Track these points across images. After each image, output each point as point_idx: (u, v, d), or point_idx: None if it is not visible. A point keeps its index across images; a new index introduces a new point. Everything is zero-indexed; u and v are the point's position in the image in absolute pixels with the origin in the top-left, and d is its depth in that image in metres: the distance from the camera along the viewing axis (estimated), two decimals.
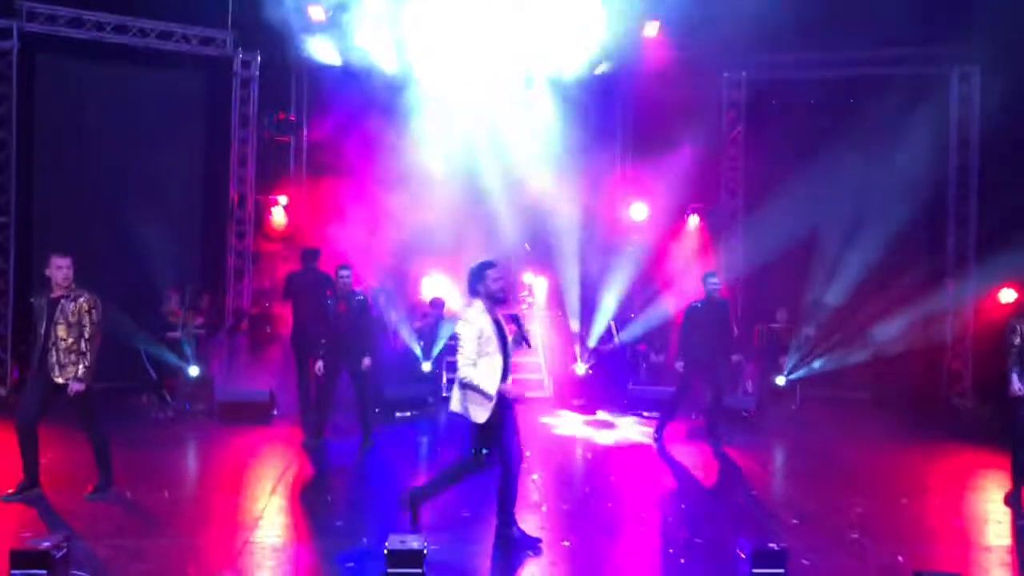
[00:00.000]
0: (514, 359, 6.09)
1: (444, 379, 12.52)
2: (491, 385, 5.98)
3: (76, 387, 6.88)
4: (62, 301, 6.94)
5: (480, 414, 6.00)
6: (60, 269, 6.94)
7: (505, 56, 12.96)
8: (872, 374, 12.40)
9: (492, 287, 6.07)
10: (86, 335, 6.94)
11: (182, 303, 11.82)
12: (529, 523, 6.87)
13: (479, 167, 13.11)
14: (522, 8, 12.63)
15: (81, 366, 6.89)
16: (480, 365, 5.96)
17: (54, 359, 6.89)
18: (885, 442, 9.99)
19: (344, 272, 9.44)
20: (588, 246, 13.86)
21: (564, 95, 13.40)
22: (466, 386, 6.02)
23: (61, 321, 6.90)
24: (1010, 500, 7.34)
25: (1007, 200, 11.96)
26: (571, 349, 13.05)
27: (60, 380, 6.89)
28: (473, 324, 5.99)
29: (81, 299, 6.97)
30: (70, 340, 6.90)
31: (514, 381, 6.33)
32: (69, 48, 12.00)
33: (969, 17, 11.75)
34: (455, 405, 6.16)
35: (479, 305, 6.07)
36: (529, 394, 12.66)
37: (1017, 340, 7.27)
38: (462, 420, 6.15)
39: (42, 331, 6.90)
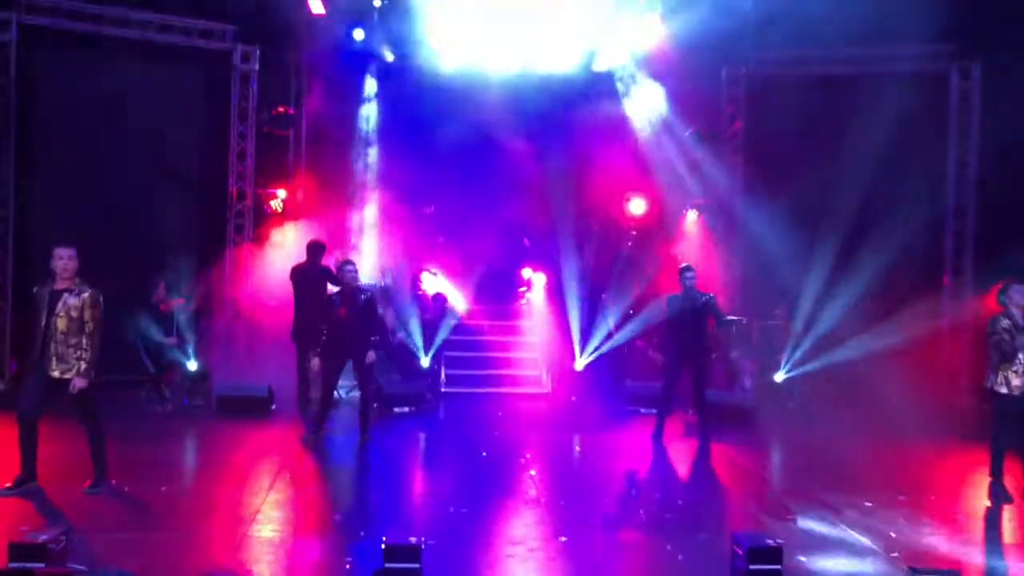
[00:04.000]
0: (513, 355, 6.00)
1: (443, 375, 12.52)
2: None
3: (79, 383, 6.86)
4: (65, 294, 6.89)
5: None
6: (61, 259, 6.89)
7: (504, 49, 12.94)
8: (870, 371, 12.37)
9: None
10: (87, 330, 6.89)
11: (168, 292, 11.80)
12: (526, 519, 6.90)
13: (480, 160, 13.09)
14: (521, 3, 12.61)
15: (83, 362, 6.86)
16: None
17: (52, 351, 6.85)
18: (883, 439, 9.99)
19: (349, 267, 9.30)
20: (587, 241, 13.84)
21: (564, 89, 13.39)
22: None
23: (62, 314, 6.85)
24: (992, 493, 7.35)
25: (1007, 198, 11.94)
26: (569, 345, 13.04)
27: (56, 374, 6.86)
28: None
29: (85, 294, 6.91)
30: (70, 334, 6.85)
31: (512, 378, 6.31)
32: (68, 40, 11.96)
33: (970, 13, 11.72)
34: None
35: None
36: (527, 390, 12.67)
37: (996, 336, 7.46)
38: None
39: (43, 323, 6.85)
